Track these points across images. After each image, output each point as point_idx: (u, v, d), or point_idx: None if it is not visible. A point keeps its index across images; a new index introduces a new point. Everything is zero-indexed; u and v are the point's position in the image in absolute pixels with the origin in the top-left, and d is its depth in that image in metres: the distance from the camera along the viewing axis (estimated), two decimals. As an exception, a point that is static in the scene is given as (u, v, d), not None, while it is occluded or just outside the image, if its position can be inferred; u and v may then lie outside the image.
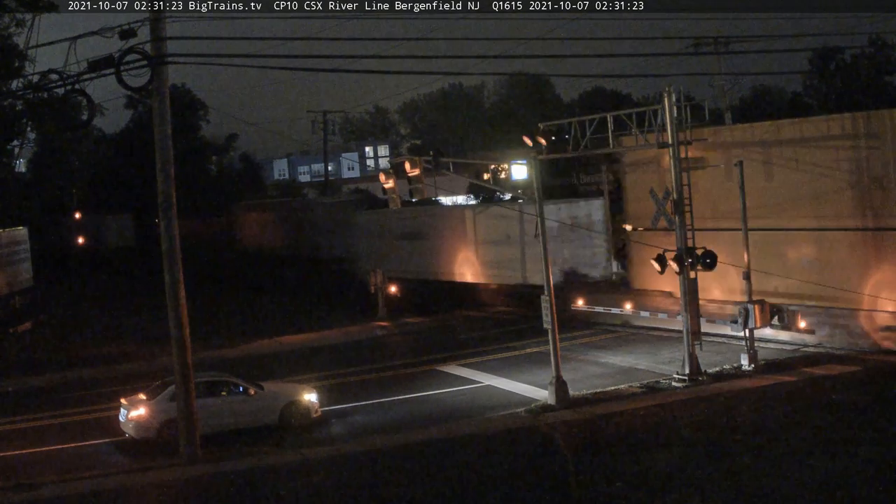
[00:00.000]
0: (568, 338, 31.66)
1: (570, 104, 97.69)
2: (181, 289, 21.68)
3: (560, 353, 25.19)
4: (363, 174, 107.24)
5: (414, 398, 27.04)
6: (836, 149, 28.75)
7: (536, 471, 19.52)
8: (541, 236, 25.53)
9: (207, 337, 36.67)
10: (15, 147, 52.08)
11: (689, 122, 28.01)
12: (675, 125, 26.71)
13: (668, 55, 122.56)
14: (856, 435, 19.96)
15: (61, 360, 35.58)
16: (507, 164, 50.57)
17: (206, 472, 20.85)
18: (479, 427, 23.26)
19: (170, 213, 21.63)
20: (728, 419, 22.08)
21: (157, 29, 20.75)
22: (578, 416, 23.42)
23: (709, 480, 17.79)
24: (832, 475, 17.55)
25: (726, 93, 57.09)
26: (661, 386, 25.99)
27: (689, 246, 26.22)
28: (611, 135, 28.95)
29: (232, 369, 28.17)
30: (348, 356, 34.09)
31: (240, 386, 24.47)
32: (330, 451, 22.10)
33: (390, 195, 40.62)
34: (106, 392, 28.76)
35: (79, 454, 23.22)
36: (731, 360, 27.64)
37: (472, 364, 30.84)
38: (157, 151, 21.51)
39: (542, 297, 25.45)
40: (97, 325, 43.80)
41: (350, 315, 42.38)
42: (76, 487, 20.24)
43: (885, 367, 25.96)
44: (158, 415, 23.13)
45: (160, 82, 21.11)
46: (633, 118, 28.73)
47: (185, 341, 21.64)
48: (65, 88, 21.04)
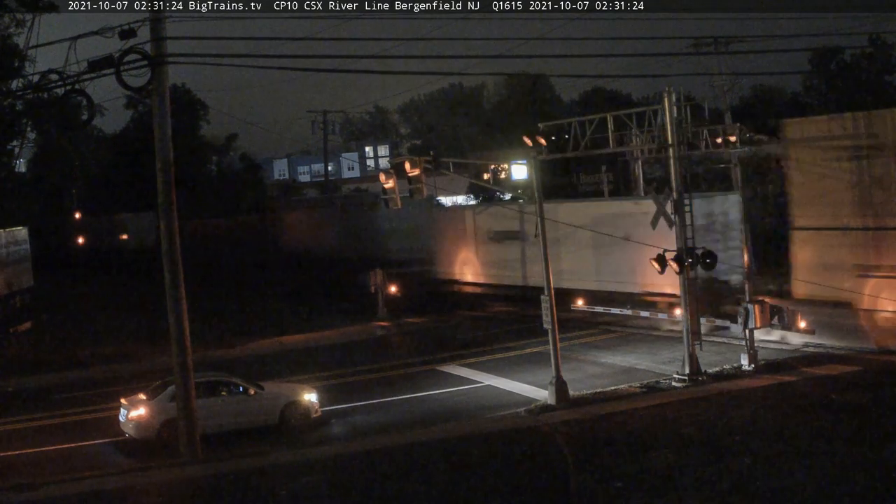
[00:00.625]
0: (568, 338, 31.67)
1: (570, 104, 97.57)
2: (181, 289, 21.69)
3: (560, 352, 25.22)
4: (363, 174, 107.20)
5: (414, 398, 27.05)
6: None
7: (536, 470, 19.51)
8: (540, 237, 25.53)
9: (207, 337, 36.70)
10: (15, 147, 52.05)
11: (689, 122, 28.02)
12: (675, 125, 26.72)
13: (668, 55, 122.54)
14: (856, 435, 19.97)
15: (61, 360, 35.55)
16: (507, 164, 50.56)
17: (206, 472, 20.86)
18: (479, 427, 23.26)
19: (170, 213, 21.64)
20: (728, 419, 22.07)
21: (157, 29, 20.76)
22: (578, 415, 23.42)
23: (708, 480, 17.78)
24: (832, 475, 17.55)
25: (726, 93, 57.13)
26: (661, 386, 25.99)
27: (688, 246, 26.22)
28: (611, 135, 28.96)
29: (232, 369, 28.17)
30: (348, 356, 34.10)
31: (240, 386, 24.48)
32: (330, 451, 22.10)
33: (390, 195, 40.43)
34: (106, 392, 28.76)
35: (79, 454, 23.22)
36: (731, 360, 27.65)
37: (473, 364, 30.85)
38: (157, 151, 21.52)
39: (542, 297, 25.46)
40: (97, 325, 43.76)
41: (350, 315, 42.37)
42: (76, 487, 20.22)
43: (885, 367, 25.96)
44: (158, 415, 23.13)
45: (160, 82, 21.12)
46: (633, 118, 28.75)
47: (185, 341, 21.65)
48: (65, 88, 21.04)
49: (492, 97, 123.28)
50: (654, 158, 35.88)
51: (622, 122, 29.15)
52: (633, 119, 28.72)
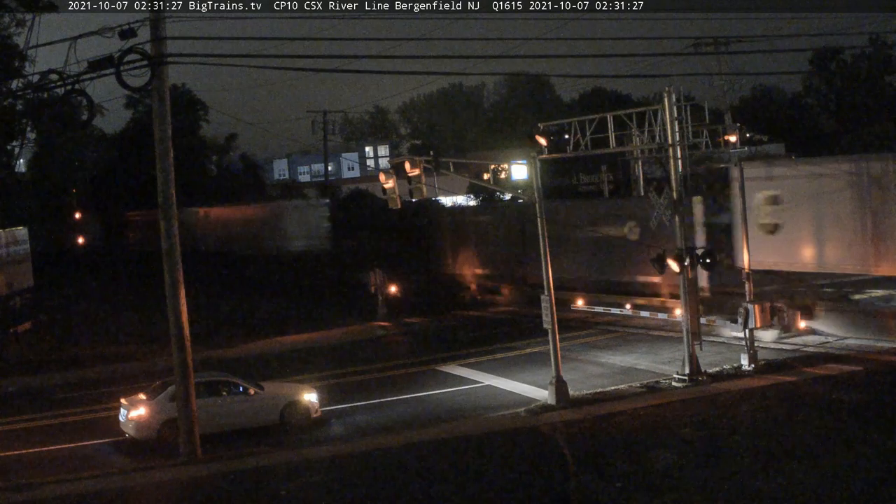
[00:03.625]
0: (568, 338, 31.67)
1: (570, 104, 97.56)
2: (181, 289, 21.70)
3: (560, 352, 25.22)
4: (363, 174, 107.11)
5: (414, 398, 27.05)
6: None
7: (536, 470, 19.51)
8: (540, 237, 25.52)
9: (207, 336, 36.71)
10: (15, 147, 52.07)
11: (689, 122, 28.01)
12: (675, 125, 26.72)
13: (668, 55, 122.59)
14: (856, 435, 19.97)
15: (61, 360, 35.58)
16: (507, 164, 50.52)
17: (206, 472, 20.85)
18: (479, 427, 23.26)
19: (170, 213, 21.64)
20: (728, 419, 22.07)
21: (157, 29, 20.75)
22: (578, 415, 23.42)
23: (708, 480, 17.78)
24: (832, 475, 17.55)
25: (726, 93, 57.09)
26: (661, 386, 25.99)
27: (688, 246, 26.23)
28: (611, 135, 28.95)
29: (232, 369, 28.17)
30: (348, 356, 34.10)
31: (240, 386, 24.48)
32: (330, 451, 22.09)
33: (390, 195, 40.34)
34: (106, 392, 28.77)
35: (79, 454, 23.22)
36: (731, 360, 27.65)
37: (473, 364, 30.85)
38: (157, 151, 21.53)
39: (542, 297, 25.46)
40: (97, 325, 43.75)
41: (350, 315, 42.37)
42: (76, 487, 20.22)
43: (885, 367, 25.97)
44: (158, 415, 23.13)
45: (160, 82, 21.12)
46: (633, 118, 28.74)
47: (185, 341, 21.65)
48: (65, 88, 21.03)
49: (492, 97, 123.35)
50: (654, 158, 35.87)
51: (622, 122, 29.11)
52: (633, 119, 28.69)
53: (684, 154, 27.40)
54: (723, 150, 32.82)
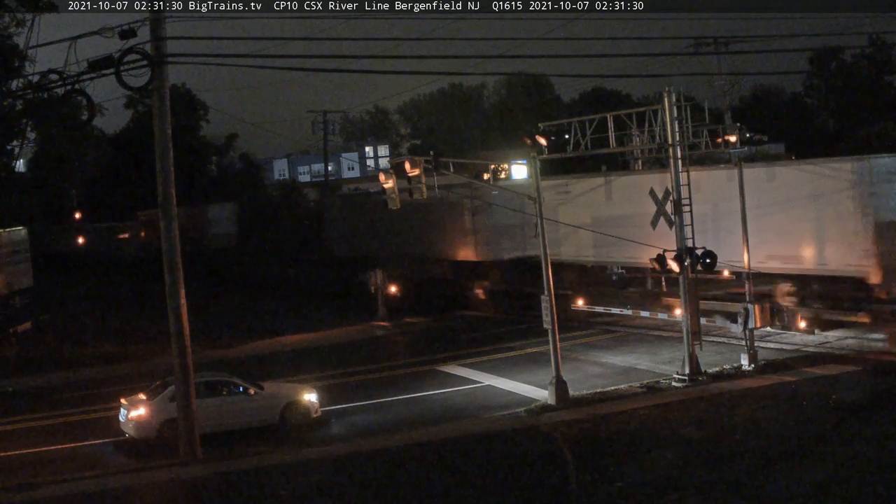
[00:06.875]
0: (568, 338, 31.66)
1: (570, 104, 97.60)
2: (181, 289, 21.69)
3: (560, 352, 25.21)
4: (363, 174, 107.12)
5: (414, 398, 27.04)
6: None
7: (536, 471, 19.50)
8: (540, 237, 25.52)
9: (207, 336, 36.71)
10: (15, 147, 52.06)
11: (689, 122, 28.01)
12: (675, 125, 26.70)
13: (668, 55, 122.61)
14: (856, 435, 19.96)
15: (61, 360, 35.55)
16: (507, 164, 50.50)
17: (206, 472, 20.86)
18: (478, 427, 23.26)
19: (170, 213, 21.64)
20: (728, 419, 22.07)
21: (157, 29, 20.76)
22: (578, 415, 23.41)
23: (708, 480, 17.78)
24: (832, 475, 17.54)
25: (726, 93, 57.07)
26: (661, 386, 25.99)
27: (688, 246, 26.22)
28: (611, 135, 28.95)
29: (232, 369, 28.17)
30: (348, 356, 34.09)
31: (240, 386, 24.48)
32: (330, 451, 22.09)
33: (390, 195, 40.30)
34: (106, 392, 28.76)
35: (79, 454, 23.23)
36: (731, 360, 27.64)
37: (473, 364, 30.85)
38: (157, 151, 21.53)
39: (542, 297, 25.45)
40: (97, 325, 43.73)
41: (350, 315, 42.35)
42: (76, 487, 20.23)
43: (885, 367, 25.96)
44: (158, 415, 23.13)
45: (160, 82, 21.12)
46: (633, 118, 28.74)
47: (185, 341, 21.65)
48: (65, 88, 21.03)
49: (492, 97, 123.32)
50: (654, 158, 35.84)
51: (622, 122, 29.13)
52: (633, 119, 28.70)
53: (684, 154, 27.39)
54: (723, 150, 32.74)
